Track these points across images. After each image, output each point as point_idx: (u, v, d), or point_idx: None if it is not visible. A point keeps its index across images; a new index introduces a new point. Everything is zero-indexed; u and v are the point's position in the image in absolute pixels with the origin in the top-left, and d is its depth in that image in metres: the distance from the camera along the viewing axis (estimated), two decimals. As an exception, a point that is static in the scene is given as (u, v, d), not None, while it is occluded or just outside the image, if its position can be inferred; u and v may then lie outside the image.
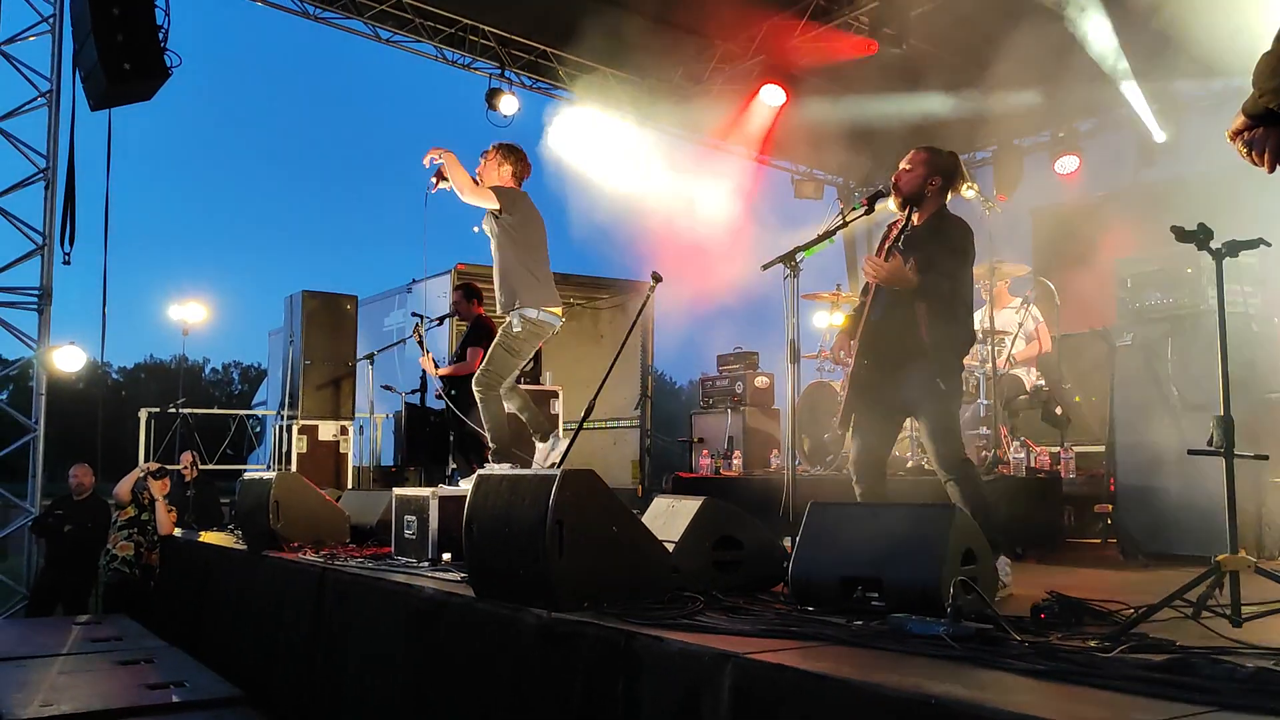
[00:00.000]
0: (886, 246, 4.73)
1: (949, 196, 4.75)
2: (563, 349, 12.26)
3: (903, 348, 4.50)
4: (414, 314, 9.32)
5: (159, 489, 8.41)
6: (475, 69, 11.28)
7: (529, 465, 6.19)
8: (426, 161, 5.85)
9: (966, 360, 4.96)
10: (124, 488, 8.41)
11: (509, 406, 6.15)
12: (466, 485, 5.91)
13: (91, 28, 7.32)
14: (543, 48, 11.39)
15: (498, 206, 5.83)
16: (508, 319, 5.96)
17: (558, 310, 6.02)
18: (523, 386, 8.25)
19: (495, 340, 6.02)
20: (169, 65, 7.50)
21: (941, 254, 4.47)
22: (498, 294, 6.00)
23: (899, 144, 4.96)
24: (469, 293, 8.49)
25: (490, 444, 6.09)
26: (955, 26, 8.89)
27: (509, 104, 11.08)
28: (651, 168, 11.88)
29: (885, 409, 4.66)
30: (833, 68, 10.22)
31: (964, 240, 4.58)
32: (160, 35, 7.48)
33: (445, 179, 5.89)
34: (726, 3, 9.81)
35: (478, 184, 5.90)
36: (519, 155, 6.08)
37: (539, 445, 6.22)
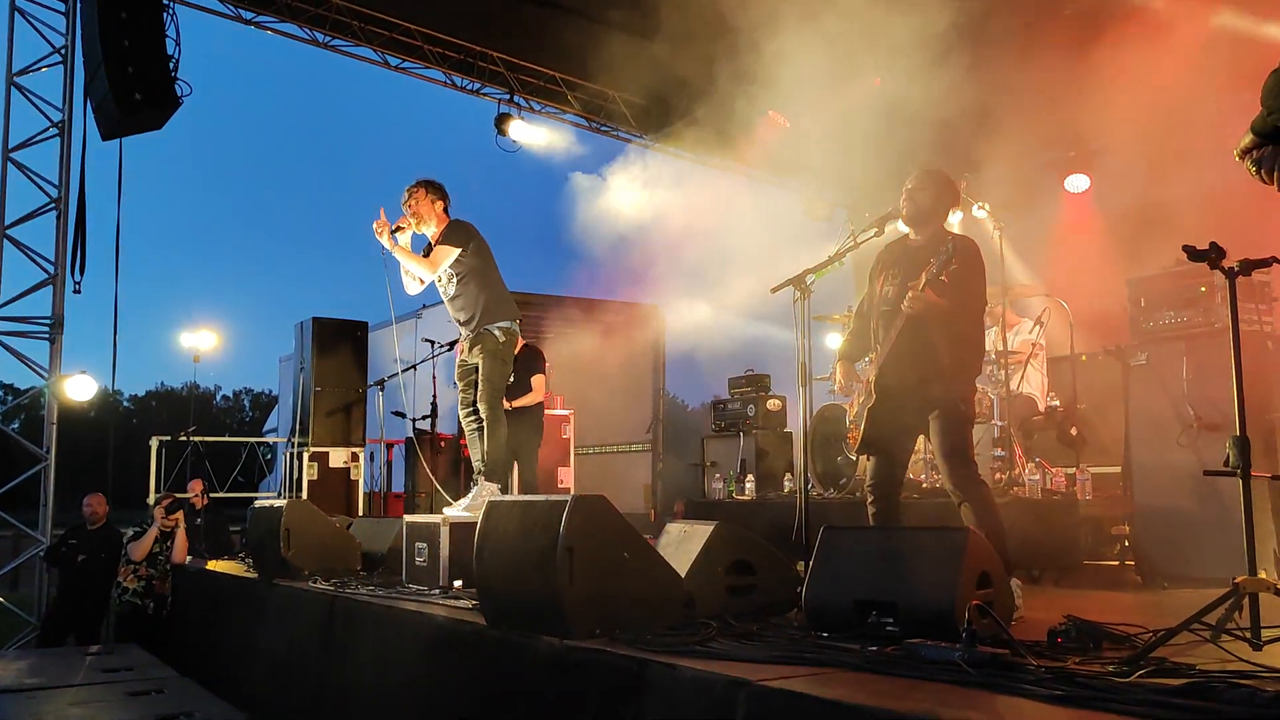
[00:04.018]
0: (888, 271, 4.75)
1: (949, 216, 4.83)
2: (576, 372, 12.30)
3: (921, 369, 4.50)
4: (425, 339, 9.35)
5: (179, 518, 8.41)
6: (484, 94, 11.36)
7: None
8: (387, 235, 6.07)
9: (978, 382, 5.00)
10: (142, 551, 8.30)
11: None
12: (464, 505, 5.93)
13: (103, 58, 7.42)
14: (551, 73, 11.46)
15: (459, 251, 6.14)
16: (487, 334, 6.12)
17: (517, 320, 6.33)
18: (520, 402, 8.31)
19: (484, 357, 6.10)
20: (179, 94, 7.59)
21: (963, 275, 4.47)
22: (465, 319, 6.21)
23: (910, 163, 4.98)
24: None
25: (486, 464, 6.10)
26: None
27: (518, 129, 11.15)
28: (659, 189, 11.92)
29: (901, 429, 4.66)
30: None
31: (978, 261, 4.60)
32: (171, 65, 7.57)
33: (402, 229, 6.19)
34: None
35: (426, 255, 6.21)
36: (443, 189, 6.36)
37: (487, 485, 6.08)
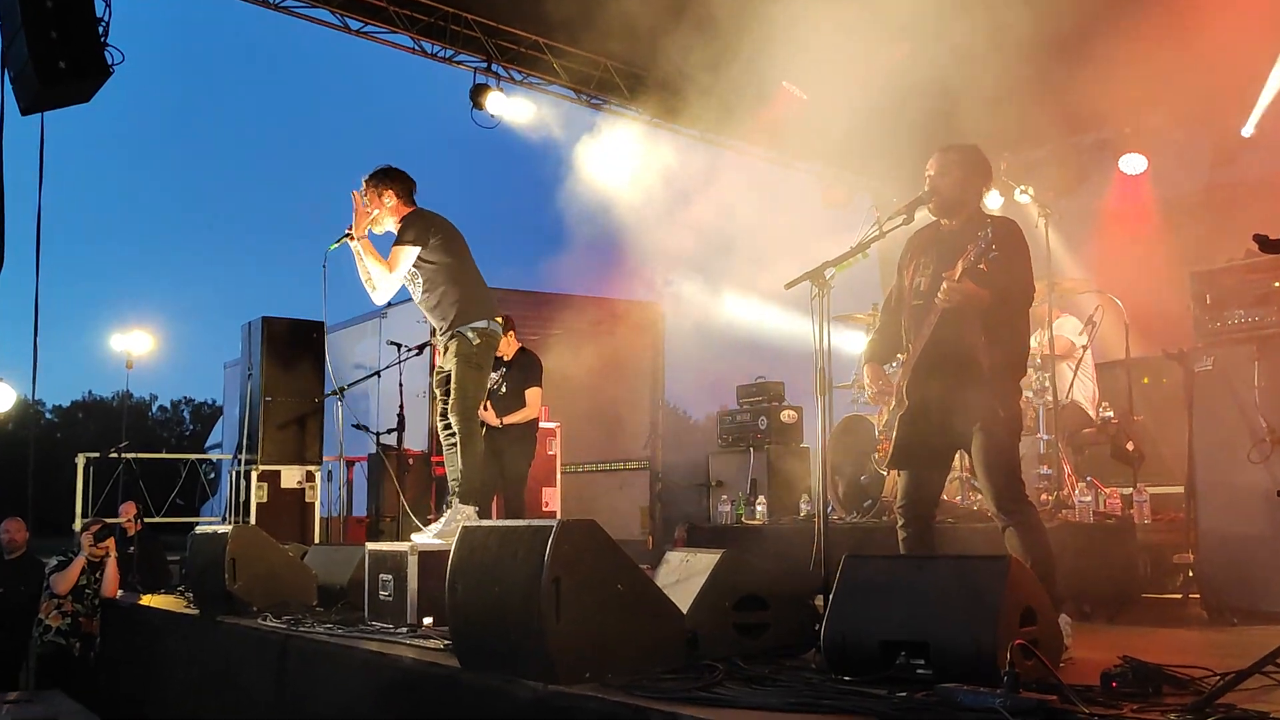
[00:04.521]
0: (919, 259, 4.74)
1: (983, 196, 4.82)
2: (562, 380, 12.28)
3: (956, 371, 4.50)
4: (390, 342, 9.35)
5: (111, 546, 8.38)
6: (458, 63, 11.35)
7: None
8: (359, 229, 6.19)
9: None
10: (67, 583, 8.25)
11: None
12: (435, 531, 5.94)
13: (22, 22, 7.39)
14: (534, 38, 11.46)
15: (418, 249, 6.17)
16: (460, 336, 6.15)
17: (499, 319, 6.35)
18: (511, 419, 8.31)
19: (457, 364, 6.13)
20: (110, 63, 7.56)
21: (1006, 263, 4.46)
22: (436, 319, 6.28)
23: (943, 141, 4.96)
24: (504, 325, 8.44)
25: (461, 484, 6.10)
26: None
27: (497, 102, 11.15)
28: (658, 171, 11.92)
29: (936, 442, 4.66)
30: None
31: (1022, 244, 4.59)
32: (100, 29, 7.55)
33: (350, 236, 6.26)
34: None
35: (386, 259, 6.24)
36: (394, 175, 6.37)
37: (462, 508, 6.08)
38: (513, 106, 11.41)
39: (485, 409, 7.71)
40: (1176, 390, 5.96)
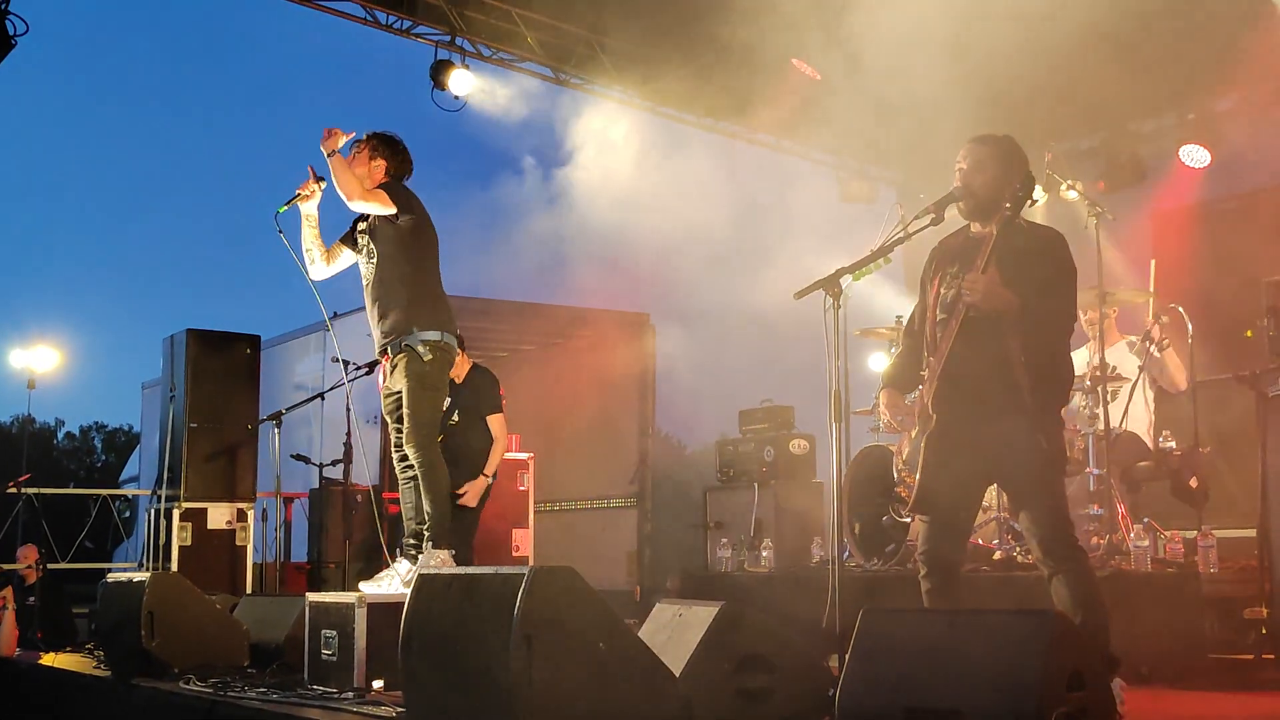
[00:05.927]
0: (946, 270, 4.76)
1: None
2: (535, 405, 12.26)
3: (990, 396, 4.52)
4: (335, 359, 9.34)
5: (8, 596, 8.35)
6: (417, 36, 11.38)
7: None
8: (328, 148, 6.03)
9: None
10: None
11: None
12: (388, 578, 5.93)
13: (-89, -13, 7.42)
14: (504, 7, 11.50)
15: (393, 210, 6.13)
16: (410, 351, 6.12)
17: (455, 335, 6.36)
18: (493, 465, 8.25)
19: (408, 386, 6.12)
20: (11, 34, 7.59)
21: (1041, 271, 4.49)
22: (380, 317, 6.23)
23: (977, 128, 4.98)
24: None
25: (432, 524, 6.09)
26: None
27: (461, 80, 11.17)
28: (648, 162, 11.94)
29: (964, 478, 4.66)
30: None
31: (1064, 253, 4.63)
32: (0, -4, 7.58)
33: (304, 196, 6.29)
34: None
35: (349, 233, 6.35)
36: (396, 148, 6.41)
37: (435, 553, 6.07)
38: (480, 86, 11.43)
39: (463, 492, 7.61)
40: (1246, 417, 5.97)
